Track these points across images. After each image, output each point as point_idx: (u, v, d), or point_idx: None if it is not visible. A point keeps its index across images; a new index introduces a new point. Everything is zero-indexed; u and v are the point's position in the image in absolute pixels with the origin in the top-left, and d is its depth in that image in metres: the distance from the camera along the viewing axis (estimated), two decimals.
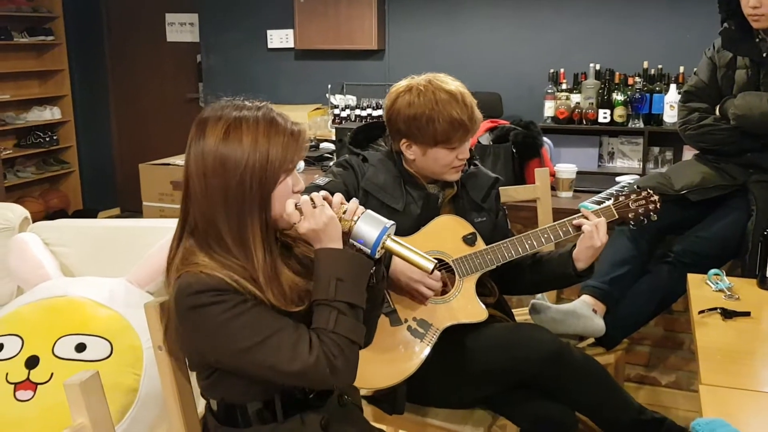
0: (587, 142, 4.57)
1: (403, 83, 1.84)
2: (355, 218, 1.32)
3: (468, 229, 1.87)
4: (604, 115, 4.33)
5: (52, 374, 1.60)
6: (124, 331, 1.69)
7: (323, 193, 1.36)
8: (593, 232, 1.82)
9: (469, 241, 1.86)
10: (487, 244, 1.89)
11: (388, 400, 1.85)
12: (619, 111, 4.27)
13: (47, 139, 5.92)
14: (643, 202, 1.93)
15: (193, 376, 1.40)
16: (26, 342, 1.65)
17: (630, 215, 1.92)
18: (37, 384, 1.60)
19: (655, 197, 1.94)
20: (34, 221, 2.17)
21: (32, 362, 1.62)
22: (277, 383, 1.28)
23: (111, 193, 6.34)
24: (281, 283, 1.28)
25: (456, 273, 1.84)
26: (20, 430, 1.56)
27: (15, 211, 2.10)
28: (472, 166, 1.97)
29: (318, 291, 1.28)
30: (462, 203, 1.92)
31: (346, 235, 1.33)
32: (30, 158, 5.93)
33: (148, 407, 1.65)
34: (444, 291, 1.84)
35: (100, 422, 1.03)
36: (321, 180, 1.84)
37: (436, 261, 1.35)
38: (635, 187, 2.02)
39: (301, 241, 1.41)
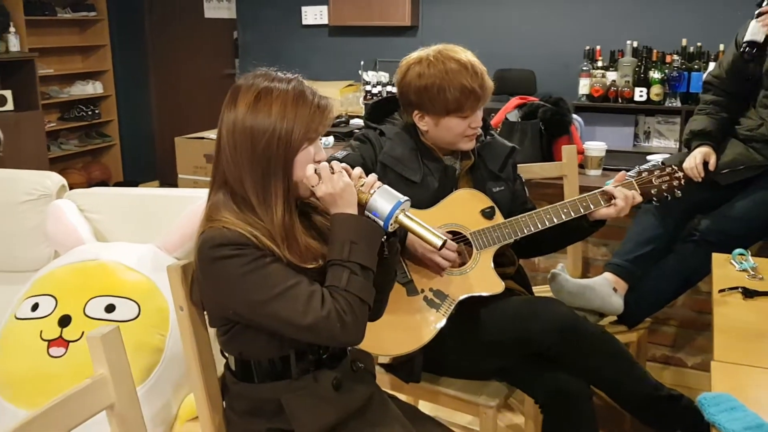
0: (623, 120, 4.51)
1: (414, 55, 1.86)
2: (372, 191, 1.37)
3: (486, 202, 1.89)
4: (640, 94, 4.27)
5: (83, 333, 1.68)
6: (152, 294, 1.76)
7: (344, 165, 1.41)
8: (623, 208, 1.84)
9: (487, 214, 1.87)
10: (506, 213, 1.91)
11: (405, 368, 1.89)
12: (656, 89, 4.21)
13: (89, 112, 6.07)
14: (667, 178, 1.92)
15: (212, 336, 1.45)
16: (60, 302, 1.73)
17: (653, 191, 1.91)
18: (69, 342, 1.68)
19: (680, 174, 1.93)
20: None
21: (65, 321, 1.70)
22: (291, 337, 1.33)
23: (150, 166, 6.48)
24: (298, 242, 1.35)
25: (473, 246, 1.86)
26: (52, 384, 1.64)
27: (53, 179, 2.18)
28: (488, 136, 1.99)
29: (333, 252, 1.34)
30: (480, 173, 1.94)
31: (362, 207, 1.38)
32: (73, 131, 6.09)
33: (173, 367, 1.72)
34: (462, 263, 1.87)
35: (119, 373, 1.09)
36: (339, 153, 1.87)
37: (445, 238, 1.39)
38: (660, 163, 2.01)
39: (319, 211, 1.47)
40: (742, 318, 1.65)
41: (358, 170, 1.40)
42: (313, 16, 5.33)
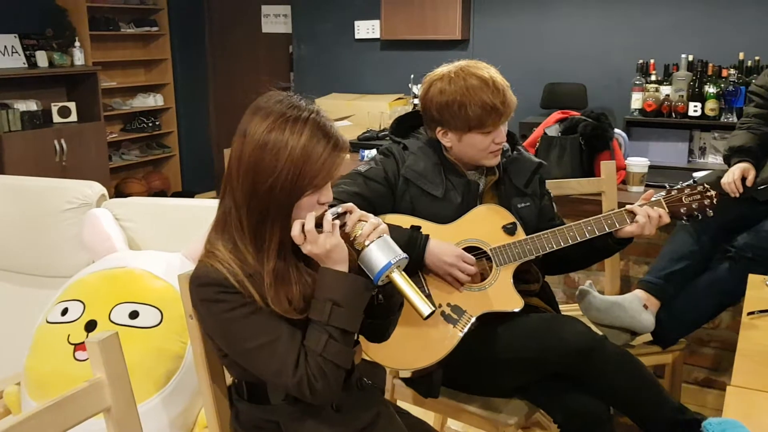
0: (677, 136, 4.39)
1: (437, 71, 1.87)
2: (368, 242, 1.29)
3: (508, 219, 1.87)
4: (694, 109, 4.14)
5: None
6: (175, 302, 1.80)
7: (347, 206, 1.35)
8: (645, 226, 1.80)
9: (509, 230, 1.86)
10: (532, 229, 1.89)
11: (424, 383, 1.88)
12: (711, 104, 4.08)
13: (150, 124, 6.27)
14: (698, 197, 1.87)
15: None
16: (87, 307, 1.80)
17: (682, 210, 1.86)
18: None
19: (712, 192, 1.87)
20: None
21: (91, 326, 1.76)
22: None
23: (208, 177, 6.65)
24: (290, 289, 1.30)
25: (493, 262, 1.84)
26: (77, 386, 1.70)
27: (93, 188, 2.28)
28: (514, 152, 1.97)
29: (314, 311, 1.30)
30: (504, 189, 1.92)
31: (358, 252, 1.32)
32: (134, 142, 6.31)
33: (193, 374, 1.76)
34: (483, 279, 1.86)
35: (116, 378, 1.12)
36: (362, 167, 1.89)
37: (434, 309, 1.31)
38: (692, 181, 1.95)
39: None
40: None
41: (357, 214, 1.33)
42: (366, 30, 5.39)
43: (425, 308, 1.29)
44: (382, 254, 1.29)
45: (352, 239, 1.32)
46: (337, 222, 1.30)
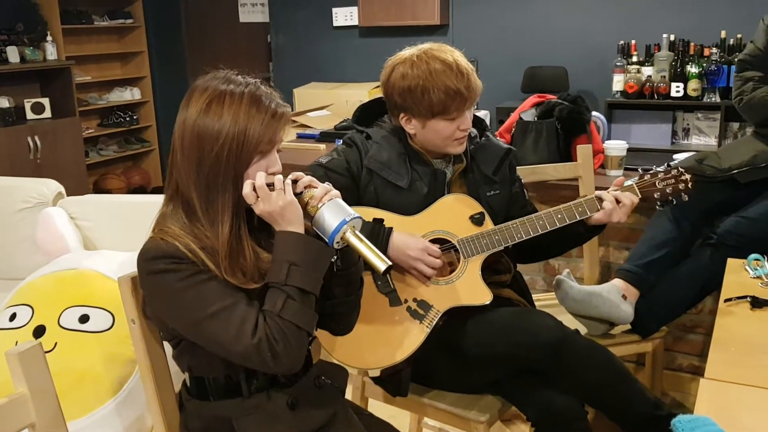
0: (660, 117, 4.34)
1: (399, 55, 1.79)
2: (319, 205, 1.30)
3: (476, 208, 1.79)
4: (677, 89, 4.08)
5: (56, 343, 1.67)
6: None
7: (296, 173, 1.34)
8: (613, 212, 1.73)
9: (476, 221, 1.78)
10: (503, 218, 1.82)
11: (393, 381, 1.82)
12: (693, 84, 4.02)
13: (128, 118, 6.16)
14: (672, 181, 1.80)
15: (169, 351, 1.41)
16: (36, 312, 1.73)
17: (655, 194, 1.80)
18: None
19: (687, 176, 1.80)
20: None
21: (39, 331, 1.69)
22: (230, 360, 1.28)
23: None
24: (244, 259, 1.28)
25: (461, 253, 1.77)
26: None
27: (50, 187, 2.20)
28: (483, 138, 1.90)
29: (271, 273, 1.27)
30: (473, 177, 1.85)
31: (312, 219, 1.31)
32: (112, 137, 6.20)
33: None
34: (452, 271, 1.79)
35: (40, 392, 1.05)
36: (324, 158, 1.82)
37: (390, 263, 1.30)
38: (666, 165, 1.89)
39: None
40: (745, 331, 1.52)
41: (306, 179, 1.33)
42: (344, 17, 5.30)
43: (381, 264, 1.29)
44: (335, 215, 1.29)
45: (304, 205, 1.31)
46: (289, 181, 1.30)
